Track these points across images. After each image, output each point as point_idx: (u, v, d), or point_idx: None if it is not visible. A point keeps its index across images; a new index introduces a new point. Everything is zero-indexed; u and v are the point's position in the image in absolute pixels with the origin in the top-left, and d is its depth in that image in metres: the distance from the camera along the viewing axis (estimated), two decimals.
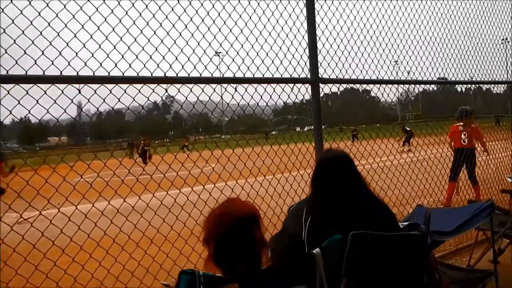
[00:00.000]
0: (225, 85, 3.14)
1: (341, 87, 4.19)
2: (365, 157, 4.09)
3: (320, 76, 3.49)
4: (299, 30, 3.45)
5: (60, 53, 2.39)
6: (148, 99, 2.89)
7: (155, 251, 3.05)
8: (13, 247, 2.40)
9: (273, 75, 3.30)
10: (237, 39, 3.17)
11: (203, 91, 3.04)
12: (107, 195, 2.76)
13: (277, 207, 3.32)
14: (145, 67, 2.69)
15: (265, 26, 3.27)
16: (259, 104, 3.54)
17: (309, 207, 2.33)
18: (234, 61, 3.18)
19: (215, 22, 3.00)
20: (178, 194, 3.06)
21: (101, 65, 2.53)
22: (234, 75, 3.12)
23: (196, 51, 2.98)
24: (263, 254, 1.78)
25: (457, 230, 3.16)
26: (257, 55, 3.24)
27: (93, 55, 2.53)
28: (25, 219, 3.12)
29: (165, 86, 2.88)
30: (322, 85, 3.52)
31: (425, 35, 4.66)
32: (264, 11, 3.26)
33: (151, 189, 3.04)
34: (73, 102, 2.54)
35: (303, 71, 3.45)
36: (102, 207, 2.78)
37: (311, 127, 3.83)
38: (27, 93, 2.27)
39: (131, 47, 2.70)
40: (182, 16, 2.88)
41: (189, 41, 2.98)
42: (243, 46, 3.18)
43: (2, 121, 2.59)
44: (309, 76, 3.45)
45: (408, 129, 19.00)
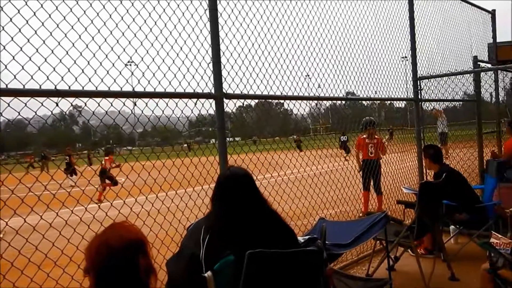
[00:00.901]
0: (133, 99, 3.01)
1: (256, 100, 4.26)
2: (277, 170, 4.13)
3: (225, 91, 3.47)
4: (202, 44, 3.40)
5: None
6: (51, 112, 2.66)
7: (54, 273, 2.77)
8: None
9: (175, 90, 3.20)
10: (137, 52, 3.04)
11: (111, 104, 2.88)
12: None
13: (179, 225, 3.21)
14: (48, 79, 2.49)
15: (166, 39, 3.17)
16: (172, 116, 3.44)
17: (208, 225, 2.27)
18: (144, 75, 3.05)
19: (101, 33, 2.84)
20: (84, 211, 2.83)
21: None
22: (144, 88, 3.01)
23: (104, 64, 2.82)
24: (152, 281, 1.68)
25: (355, 241, 3.29)
26: (159, 68, 3.13)
27: None
28: None
29: (71, 99, 2.67)
30: (226, 100, 3.50)
31: (332, 54, 4.87)
32: (166, 24, 3.16)
33: (55, 206, 2.76)
34: None
35: (206, 86, 3.41)
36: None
37: (228, 139, 3.82)
38: None
39: (32, 58, 2.47)
40: (88, 27, 2.70)
41: (96, 54, 2.79)
42: (143, 59, 3.05)
43: None
44: (213, 91, 3.41)
45: (344, 140, 19.98)
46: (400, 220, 4.19)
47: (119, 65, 2.88)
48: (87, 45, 2.71)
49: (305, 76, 4.63)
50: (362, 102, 8.28)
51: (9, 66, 2.36)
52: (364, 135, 7.85)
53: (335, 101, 6.59)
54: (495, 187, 5.27)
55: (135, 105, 3.18)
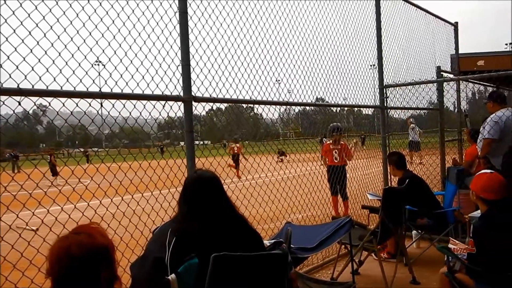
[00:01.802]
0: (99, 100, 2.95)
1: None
2: (245, 173, 4.14)
3: (193, 94, 3.46)
4: (172, 46, 3.38)
5: None
6: (13, 112, 2.58)
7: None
8: None
9: (143, 91, 3.16)
10: (105, 53, 2.99)
11: (77, 105, 2.82)
12: None
13: (145, 228, 3.17)
14: (10, 77, 2.42)
15: (135, 40, 3.13)
16: (140, 118, 3.40)
17: (174, 228, 2.26)
18: (111, 75, 3.00)
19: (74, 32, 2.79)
20: (46, 214, 2.75)
21: None
22: (111, 89, 2.96)
23: (69, 63, 2.75)
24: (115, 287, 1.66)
25: (320, 245, 3.34)
26: (126, 69, 3.09)
27: None
28: None
29: (34, 99, 2.60)
30: (195, 103, 3.50)
31: (301, 60, 4.93)
32: (134, 25, 3.12)
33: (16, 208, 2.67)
34: None
35: (175, 88, 3.39)
36: None
37: (196, 142, 3.79)
38: None
39: None
40: (54, 26, 2.64)
41: (62, 53, 2.72)
42: (110, 59, 3.00)
43: None
44: (182, 94, 3.40)
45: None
46: (364, 224, 4.28)
47: (86, 65, 2.83)
48: (52, 44, 2.64)
49: (275, 81, 4.68)
50: (331, 108, 8.37)
51: None
52: (329, 141, 7.94)
53: (305, 107, 6.67)
54: (455, 194, 5.45)
55: (102, 106, 3.13)
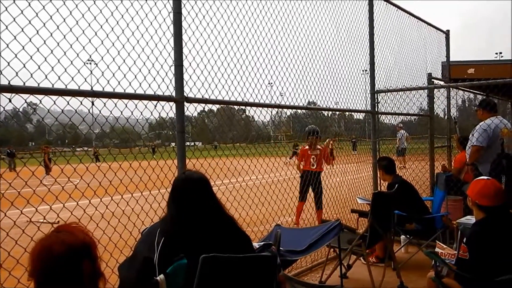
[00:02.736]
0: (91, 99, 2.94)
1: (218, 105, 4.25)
2: (235, 175, 4.15)
3: (186, 95, 3.46)
4: (165, 46, 3.38)
5: None
6: (3, 108, 2.55)
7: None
8: None
9: (135, 91, 3.15)
10: (96, 51, 2.98)
11: (68, 103, 2.80)
12: None
13: (134, 229, 3.16)
14: (2, 74, 2.41)
15: (128, 39, 3.12)
16: (132, 118, 3.39)
17: (163, 229, 2.26)
18: (103, 74, 2.99)
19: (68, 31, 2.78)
20: (34, 213, 2.72)
21: None
22: (103, 88, 2.95)
23: (62, 61, 2.73)
24: (101, 285, 1.65)
25: (309, 248, 3.35)
26: (119, 68, 3.08)
27: None
28: None
29: (25, 96, 2.58)
30: (187, 104, 3.50)
31: (294, 63, 4.95)
32: (128, 24, 3.12)
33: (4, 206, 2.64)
34: None
35: (167, 88, 3.39)
36: None
37: (187, 144, 3.78)
38: None
39: None
40: (47, 23, 2.62)
41: (54, 50, 2.70)
42: (103, 58, 2.99)
43: None
44: (174, 94, 3.40)
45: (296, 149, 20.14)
46: (353, 228, 4.30)
47: (78, 63, 2.82)
48: (44, 41, 2.62)
49: (268, 83, 4.69)
50: (323, 112, 8.38)
51: None
52: (306, 146, 7.63)
53: (296, 110, 6.69)
54: (444, 200, 5.50)
55: (93, 104, 3.12)
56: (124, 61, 3.11)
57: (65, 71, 2.74)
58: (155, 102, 3.34)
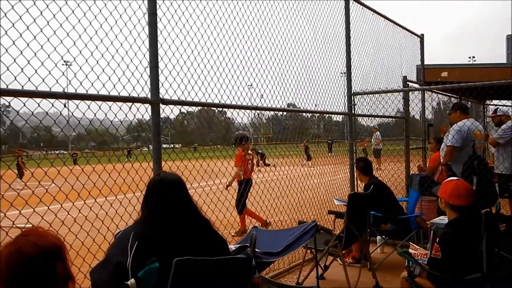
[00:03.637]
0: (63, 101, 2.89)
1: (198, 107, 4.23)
2: (212, 178, 4.12)
3: (162, 96, 3.43)
4: (140, 48, 3.34)
5: None
6: None
7: None
8: None
9: (109, 93, 3.11)
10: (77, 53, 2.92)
11: (39, 105, 2.74)
12: None
13: (108, 232, 3.11)
14: None
15: (102, 40, 3.08)
16: (107, 121, 3.33)
17: (136, 232, 2.22)
18: (75, 76, 2.93)
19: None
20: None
21: None
22: (75, 90, 2.89)
23: (32, 63, 2.67)
24: (70, 287, 1.62)
25: (285, 250, 3.35)
26: (92, 70, 3.03)
27: None
28: None
29: None
30: (163, 106, 3.47)
31: (272, 65, 4.96)
32: (101, 25, 3.07)
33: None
34: None
35: (143, 90, 3.35)
36: None
37: (166, 146, 3.73)
38: None
39: None
40: (16, 23, 2.56)
41: (24, 51, 2.63)
42: (75, 59, 2.94)
43: None
44: (149, 96, 3.36)
45: (260, 152, 20.07)
46: (330, 229, 4.33)
47: (49, 64, 2.76)
48: (13, 42, 2.56)
49: (245, 85, 4.69)
50: (302, 114, 8.42)
51: None
52: (242, 152, 7.29)
53: (276, 112, 6.69)
54: (418, 200, 5.60)
55: (65, 106, 3.05)
56: (97, 62, 3.06)
57: (36, 73, 2.68)
58: (130, 104, 3.29)
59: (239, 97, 4.41)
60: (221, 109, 5.80)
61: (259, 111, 6.12)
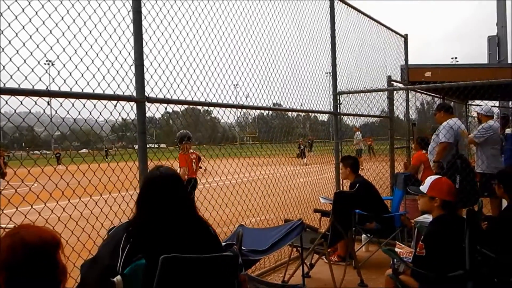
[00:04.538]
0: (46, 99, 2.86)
1: (183, 106, 4.21)
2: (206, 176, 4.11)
3: (147, 95, 3.41)
4: (125, 46, 3.31)
5: None
6: None
7: None
8: None
9: (94, 91, 3.08)
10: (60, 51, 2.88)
11: (21, 103, 2.70)
12: None
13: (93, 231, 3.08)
14: None
15: (86, 38, 3.05)
16: (91, 119, 3.30)
17: (129, 232, 2.17)
18: (59, 74, 2.89)
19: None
20: None
21: None
22: (59, 88, 2.86)
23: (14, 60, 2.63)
24: (63, 283, 1.62)
25: (271, 248, 3.37)
26: (76, 68, 3.00)
27: None
28: None
29: None
30: (148, 104, 3.45)
31: (257, 65, 4.96)
32: (85, 23, 3.04)
33: None
34: None
35: (128, 88, 3.33)
36: None
37: (152, 145, 3.71)
38: None
39: None
40: None
41: (6, 49, 2.59)
42: (58, 57, 2.90)
43: None
44: (134, 94, 3.34)
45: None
46: (315, 228, 4.36)
47: (32, 62, 2.72)
48: None
49: (234, 85, 4.69)
50: (288, 113, 8.45)
51: None
52: (186, 152, 7.25)
53: (262, 112, 6.69)
54: (402, 199, 5.67)
55: (49, 104, 3.02)
56: (81, 60, 3.03)
57: (18, 70, 2.64)
58: (114, 102, 3.27)
59: (225, 95, 4.41)
60: (207, 109, 5.79)
61: (245, 111, 6.11)
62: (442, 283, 2.90)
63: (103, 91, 3.15)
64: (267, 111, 7.53)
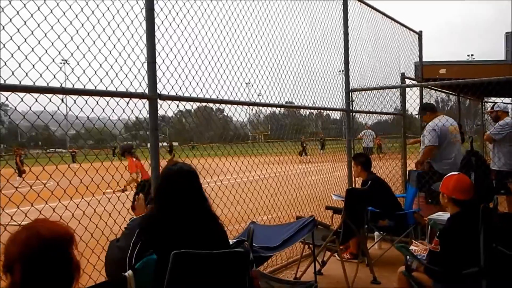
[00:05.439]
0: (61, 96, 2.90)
1: (195, 105, 4.24)
2: (210, 174, 4.12)
3: (159, 92, 3.43)
4: (137, 43, 3.34)
5: None
6: None
7: None
8: None
9: (107, 88, 3.11)
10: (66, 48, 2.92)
11: (36, 100, 2.74)
12: None
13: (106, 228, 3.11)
14: None
15: (99, 36, 3.08)
16: (104, 117, 3.33)
17: (142, 228, 2.21)
18: (73, 71, 2.94)
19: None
20: None
21: None
22: (73, 85, 2.90)
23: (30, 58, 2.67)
24: (76, 279, 1.64)
25: (283, 244, 3.37)
26: (89, 65, 3.03)
27: None
28: None
29: None
30: (160, 101, 3.47)
31: (270, 62, 4.95)
32: (99, 21, 3.07)
33: None
34: None
35: (140, 86, 3.35)
36: None
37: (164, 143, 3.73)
38: None
39: None
40: (14, 19, 2.56)
41: (21, 47, 2.63)
42: (72, 54, 2.93)
43: None
44: (147, 91, 3.36)
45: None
46: (327, 224, 4.34)
47: (46, 59, 2.76)
48: (11, 37, 2.56)
49: (246, 83, 4.69)
50: (300, 112, 8.42)
51: None
52: (133, 157, 7.60)
53: (274, 110, 6.69)
54: (415, 196, 5.62)
55: (63, 101, 3.05)
56: (95, 57, 3.07)
57: (33, 68, 2.67)
58: (127, 99, 3.30)
59: (236, 93, 4.41)
60: (218, 108, 5.80)
61: (257, 109, 6.12)
62: (456, 280, 2.86)
63: (116, 89, 3.19)
64: (278, 109, 7.50)
